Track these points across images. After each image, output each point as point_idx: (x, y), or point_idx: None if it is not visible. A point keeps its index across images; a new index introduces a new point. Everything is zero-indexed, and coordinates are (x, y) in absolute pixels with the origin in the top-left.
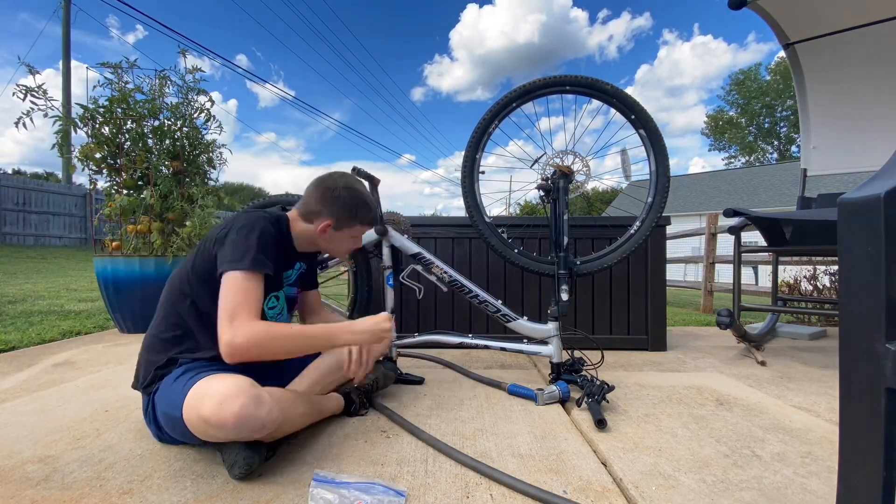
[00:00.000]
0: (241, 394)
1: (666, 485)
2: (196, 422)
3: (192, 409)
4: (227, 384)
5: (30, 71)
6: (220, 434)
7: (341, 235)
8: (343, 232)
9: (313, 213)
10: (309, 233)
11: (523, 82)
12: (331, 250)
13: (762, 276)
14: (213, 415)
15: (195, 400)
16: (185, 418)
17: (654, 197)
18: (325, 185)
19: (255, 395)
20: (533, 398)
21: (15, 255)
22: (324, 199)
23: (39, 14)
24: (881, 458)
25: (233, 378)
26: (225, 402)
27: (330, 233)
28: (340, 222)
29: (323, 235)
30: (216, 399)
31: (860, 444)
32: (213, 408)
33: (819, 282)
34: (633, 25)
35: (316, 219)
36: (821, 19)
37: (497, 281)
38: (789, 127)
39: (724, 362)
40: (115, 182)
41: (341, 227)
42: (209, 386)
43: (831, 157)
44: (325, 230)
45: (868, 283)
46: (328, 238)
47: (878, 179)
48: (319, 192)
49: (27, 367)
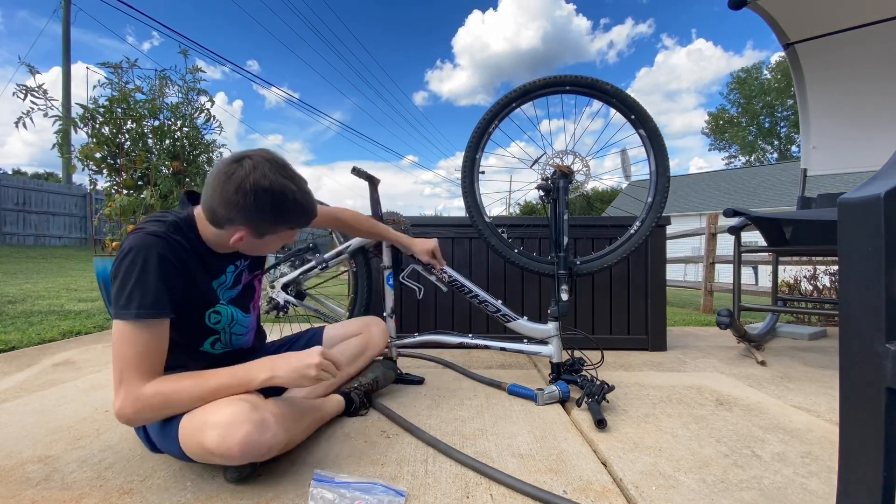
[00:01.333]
0: (244, 421)
1: (666, 485)
2: (199, 452)
3: (194, 441)
4: (227, 413)
5: (30, 71)
6: (226, 462)
7: (265, 242)
8: (266, 238)
9: (221, 219)
10: (222, 238)
11: (523, 82)
12: (257, 254)
13: (762, 276)
14: (218, 446)
15: (195, 432)
16: (187, 450)
17: (654, 197)
18: (230, 182)
19: (259, 420)
20: (533, 398)
21: (15, 255)
22: (229, 204)
23: (39, 12)
24: (881, 458)
25: (232, 404)
26: (228, 432)
27: (248, 240)
28: (260, 229)
29: (239, 244)
30: (219, 431)
31: (860, 444)
32: (217, 440)
33: (819, 282)
34: (635, 31)
35: (226, 225)
36: (821, 19)
37: (497, 281)
38: (789, 127)
39: (724, 362)
40: (115, 182)
41: (263, 234)
42: (208, 415)
43: (831, 157)
44: (242, 240)
45: (868, 283)
46: (248, 246)
47: (878, 179)
48: (223, 194)
49: (27, 367)
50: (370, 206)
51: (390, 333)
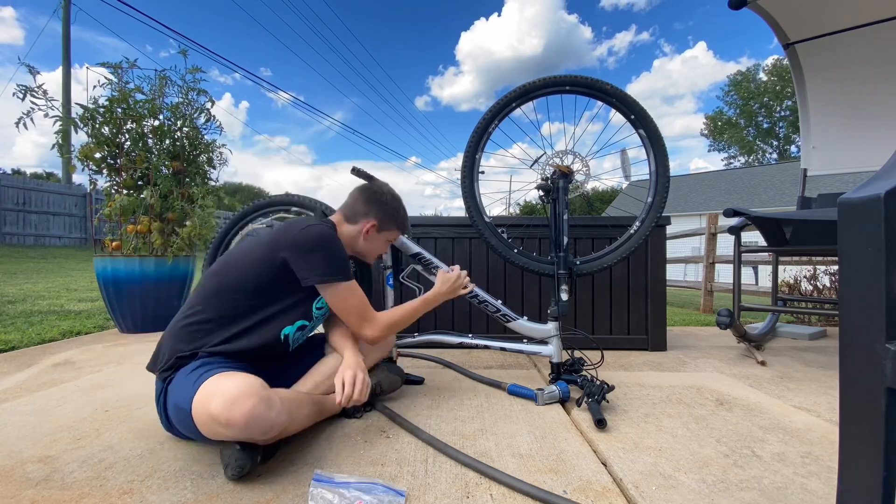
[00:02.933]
0: (252, 394)
1: (666, 485)
2: (204, 418)
3: (202, 406)
4: (238, 384)
5: (30, 71)
6: (227, 433)
7: (380, 238)
8: (382, 234)
9: (360, 214)
10: (351, 234)
11: (523, 82)
12: (365, 251)
13: (762, 276)
14: (223, 413)
15: (206, 397)
16: (194, 413)
17: (654, 197)
18: (372, 189)
19: (266, 396)
20: (533, 398)
21: (15, 255)
22: (371, 201)
23: (40, 12)
24: (881, 458)
25: (244, 378)
26: (236, 402)
27: (372, 233)
28: (383, 224)
29: (366, 235)
30: (227, 398)
31: (860, 444)
32: (223, 406)
33: (819, 282)
34: (637, 39)
35: (362, 219)
36: (821, 19)
37: (497, 281)
38: (788, 127)
39: (724, 362)
40: (115, 182)
41: (383, 229)
42: (220, 384)
43: (831, 157)
44: (370, 231)
45: (868, 283)
46: (369, 238)
47: (878, 179)
48: (366, 195)
49: (27, 367)
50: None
51: None
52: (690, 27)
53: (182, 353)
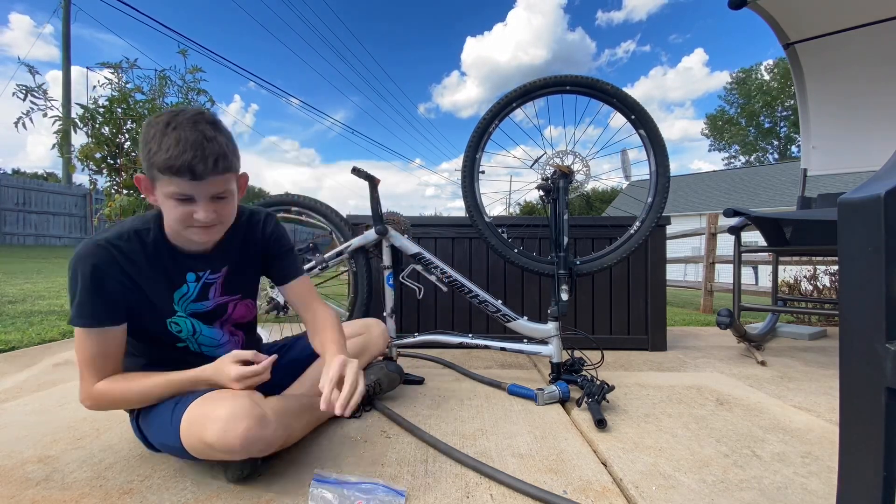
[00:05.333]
0: (245, 416)
1: (666, 485)
2: (200, 447)
3: (194, 436)
4: (228, 407)
5: (30, 71)
6: (226, 456)
7: (162, 200)
8: (157, 192)
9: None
10: (165, 216)
11: (523, 82)
12: (174, 231)
13: (762, 276)
14: (219, 440)
15: (196, 426)
16: (187, 445)
17: (654, 197)
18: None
19: (259, 415)
20: (533, 398)
21: (15, 255)
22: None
23: (40, 12)
24: (881, 458)
25: (232, 399)
26: (229, 427)
27: (157, 198)
28: (149, 174)
29: (156, 204)
30: (220, 424)
31: (860, 444)
32: (218, 433)
33: (819, 282)
34: (639, 49)
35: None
36: (821, 19)
37: (497, 281)
38: (789, 127)
39: (724, 362)
40: (115, 182)
41: (153, 181)
42: (209, 410)
43: (831, 157)
44: (148, 193)
45: (868, 283)
46: (160, 205)
47: (878, 179)
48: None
49: (27, 367)
50: (370, 205)
51: (390, 333)
52: (690, 36)
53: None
